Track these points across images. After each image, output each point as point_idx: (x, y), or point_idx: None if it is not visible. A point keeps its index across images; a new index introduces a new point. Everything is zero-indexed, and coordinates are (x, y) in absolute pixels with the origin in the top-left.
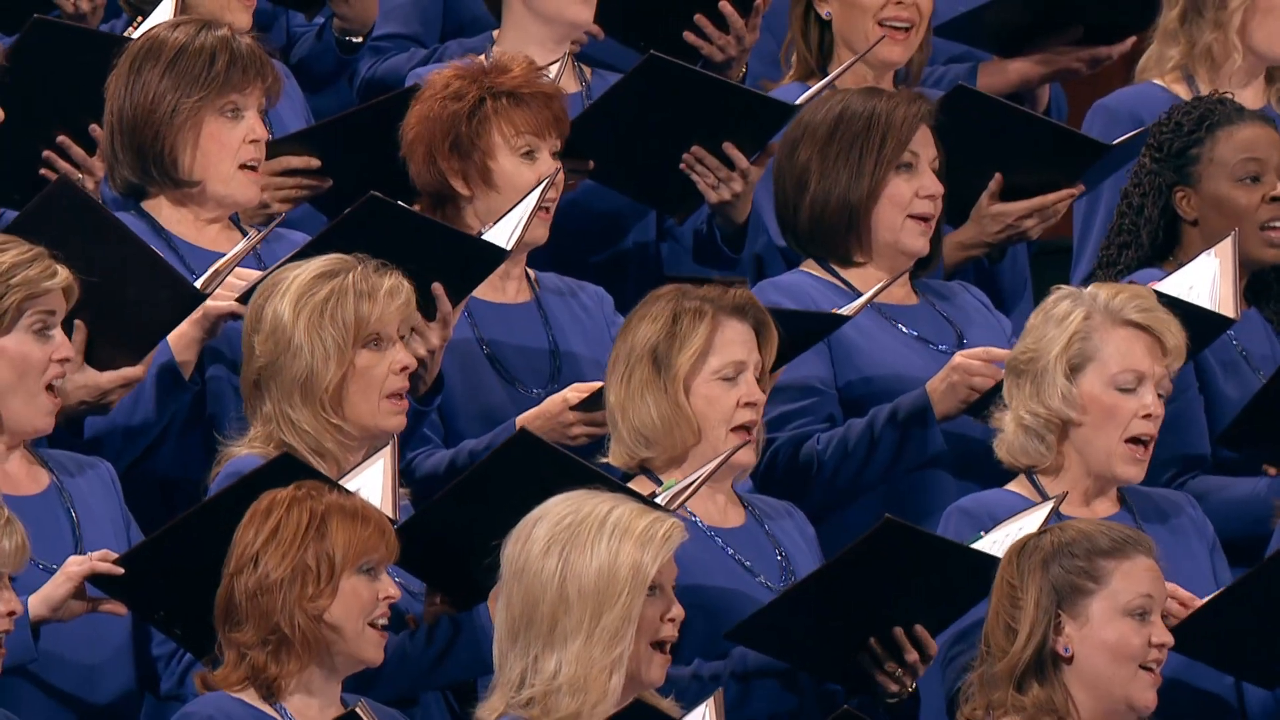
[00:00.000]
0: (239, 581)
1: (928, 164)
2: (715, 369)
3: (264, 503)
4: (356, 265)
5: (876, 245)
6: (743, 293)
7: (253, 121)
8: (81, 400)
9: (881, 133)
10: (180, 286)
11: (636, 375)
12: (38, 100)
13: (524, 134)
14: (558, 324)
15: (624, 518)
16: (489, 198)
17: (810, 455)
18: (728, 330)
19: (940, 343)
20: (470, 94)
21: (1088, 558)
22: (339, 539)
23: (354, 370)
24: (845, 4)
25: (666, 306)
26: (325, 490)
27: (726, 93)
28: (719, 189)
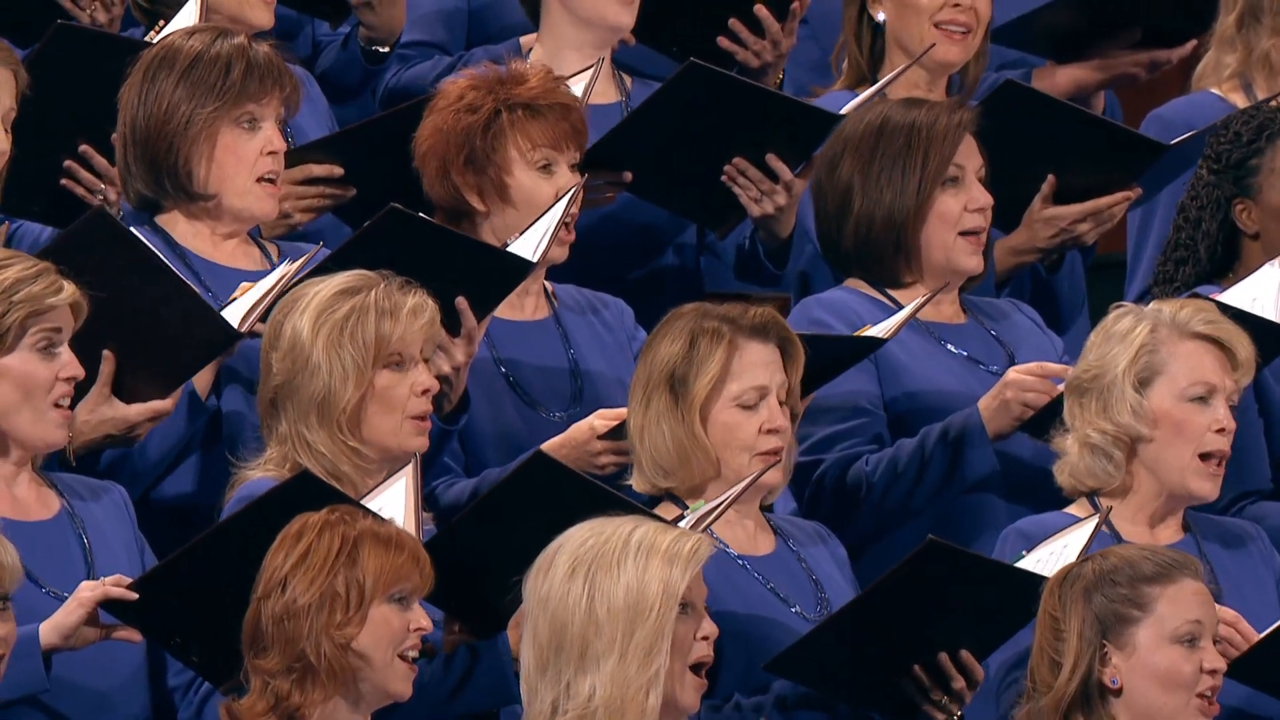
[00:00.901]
0: (266, 606)
1: (974, 175)
2: (735, 395)
3: (295, 526)
4: (380, 282)
5: (928, 265)
6: (764, 311)
7: (270, 133)
8: (107, 434)
9: (924, 147)
10: (215, 323)
11: (654, 401)
12: (60, 108)
13: (541, 147)
14: (578, 341)
15: (648, 536)
16: (505, 214)
17: (859, 477)
18: (748, 353)
19: (990, 363)
20: (485, 106)
21: (1131, 585)
22: (370, 566)
23: (373, 391)
24: (900, 6)
25: (685, 327)
26: (359, 515)
27: (770, 101)
28: (762, 202)
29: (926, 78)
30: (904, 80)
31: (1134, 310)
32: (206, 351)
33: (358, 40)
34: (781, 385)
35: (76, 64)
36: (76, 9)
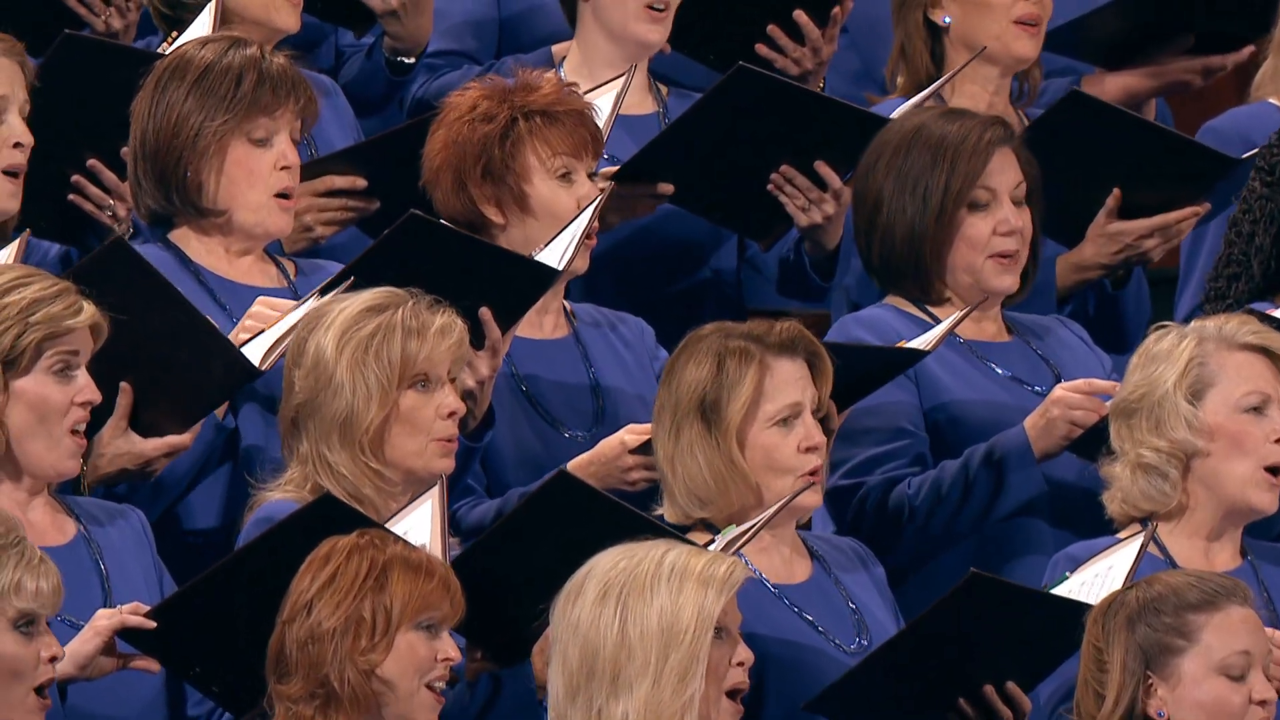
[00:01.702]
0: (290, 630)
1: (1007, 194)
2: (770, 415)
3: (324, 549)
4: (408, 300)
5: (955, 287)
6: (790, 326)
7: (284, 147)
8: (123, 468)
9: (949, 167)
10: (234, 359)
11: (686, 430)
12: (68, 121)
13: (560, 154)
14: (598, 360)
15: (681, 560)
16: (525, 225)
17: (901, 500)
18: (778, 371)
19: (1036, 383)
20: (501, 115)
21: (1176, 614)
22: (398, 591)
23: (398, 412)
24: (970, 6)
25: (710, 349)
26: (390, 540)
27: (822, 106)
28: (809, 211)
29: (996, 76)
30: (969, 84)
31: (1174, 329)
32: (225, 387)
33: (382, 50)
34: (813, 399)
35: (85, 75)
36: (91, 15)
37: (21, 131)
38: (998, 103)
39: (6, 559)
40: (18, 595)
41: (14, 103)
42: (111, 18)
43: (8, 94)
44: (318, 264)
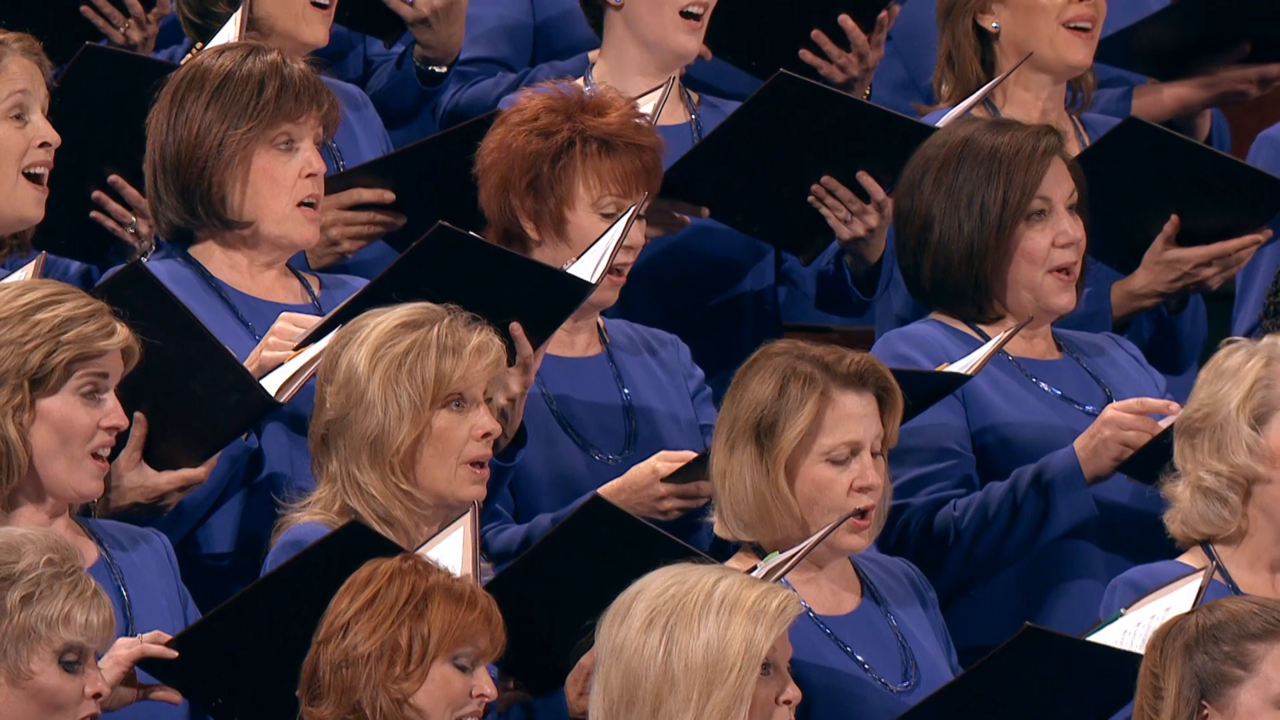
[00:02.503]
0: (325, 651)
1: (1062, 205)
2: (825, 450)
3: (365, 571)
4: (444, 317)
5: (1014, 305)
6: (863, 358)
7: (309, 154)
8: (135, 501)
9: (1006, 178)
10: (251, 389)
11: (740, 448)
12: (88, 135)
13: (610, 190)
14: (632, 379)
15: (732, 590)
16: (558, 248)
17: (946, 523)
18: (842, 404)
19: (1086, 402)
20: (560, 133)
21: (1235, 642)
22: (437, 620)
23: (430, 432)
24: (1020, 10)
25: (777, 369)
26: (434, 568)
27: (865, 115)
28: (852, 224)
29: (1049, 83)
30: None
31: (1245, 345)
32: (242, 420)
33: (413, 60)
34: (877, 437)
35: (106, 87)
36: (109, 27)
37: (47, 130)
38: (1051, 110)
39: (58, 588)
40: (66, 627)
41: (35, 101)
42: (130, 29)
43: (28, 89)
44: (342, 279)
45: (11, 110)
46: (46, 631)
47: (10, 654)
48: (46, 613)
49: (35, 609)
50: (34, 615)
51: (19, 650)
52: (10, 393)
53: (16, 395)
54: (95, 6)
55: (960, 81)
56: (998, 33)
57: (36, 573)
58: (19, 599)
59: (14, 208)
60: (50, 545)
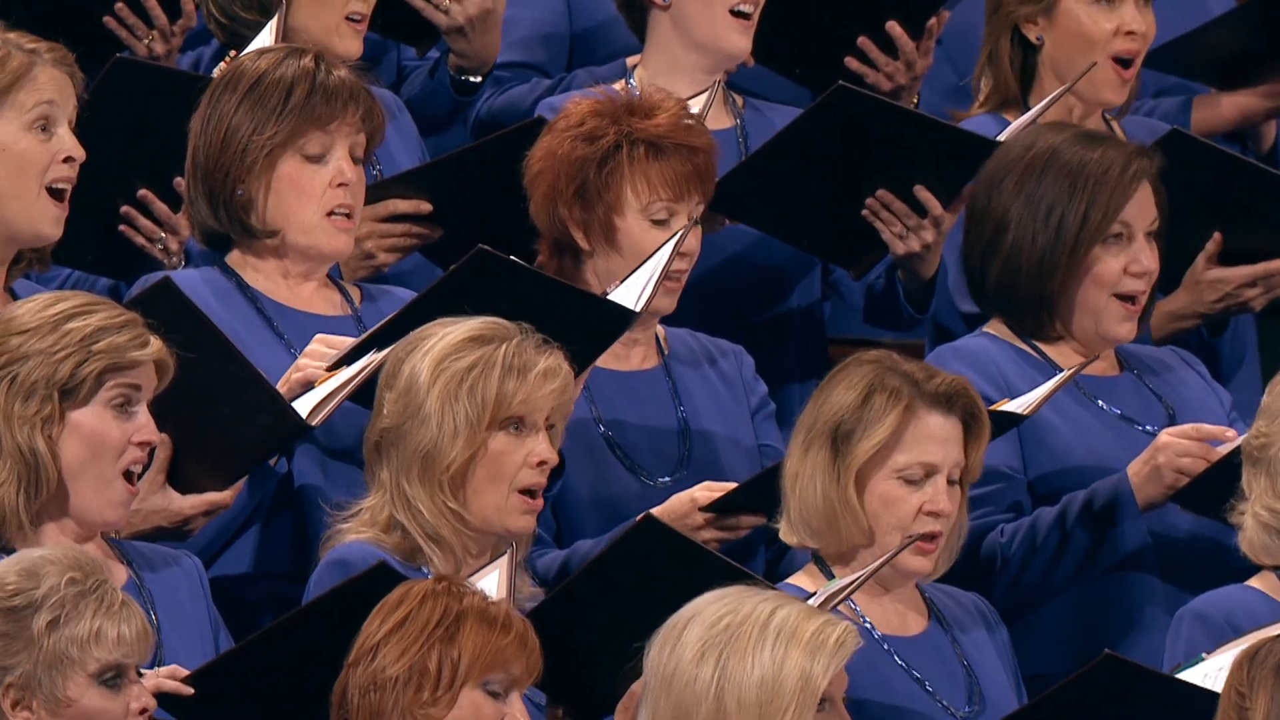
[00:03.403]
0: (354, 674)
1: (1143, 232)
2: (900, 467)
3: (398, 592)
4: (515, 336)
5: (1075, 325)
6: (954, 380)
7: (341, 164)
8: (158, 525)
9: (1089, 197)
10: (282, 412)
11: (814, 451)
12: (117, 148)
13: (660, 194)
14: (689, 396)
15: (790, 620)
16: (609, 258)
17: (993, 549)
18: (925, 423)
19: (1147, 422)
20: (606, 137)
21: None
22: (469, 645)
23: (484, 453)
24: (1065, 33)
25: (864, 377)
26: (469, 590)
27: (923, 128)
28: (907, 239)
29: (1080, 108)
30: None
31: None
32: (271, 443)
33: (447, 68)
34: (957, 465)
35: (136, 100)
36: (133, 39)
37: (72, 145)
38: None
39: (84, 606)
40: (98, 645)
41: (63, 113)
42: (154, 42)
43: (56, 101)
44: (385, 290)
45: (37, 121)
46: (79, 654)
47: (45, 683)
48: (76, 634)
49: (63, 632)
50: (63, 639)
51: (53, 678)
52: (39, 404)
53: (45, 406)
54: (119, 18)
55: (998, 87)
56: (1041, 44)
57: (60, 595)
58: (45, 624)
59: (31, 223)
60: (71, 563)
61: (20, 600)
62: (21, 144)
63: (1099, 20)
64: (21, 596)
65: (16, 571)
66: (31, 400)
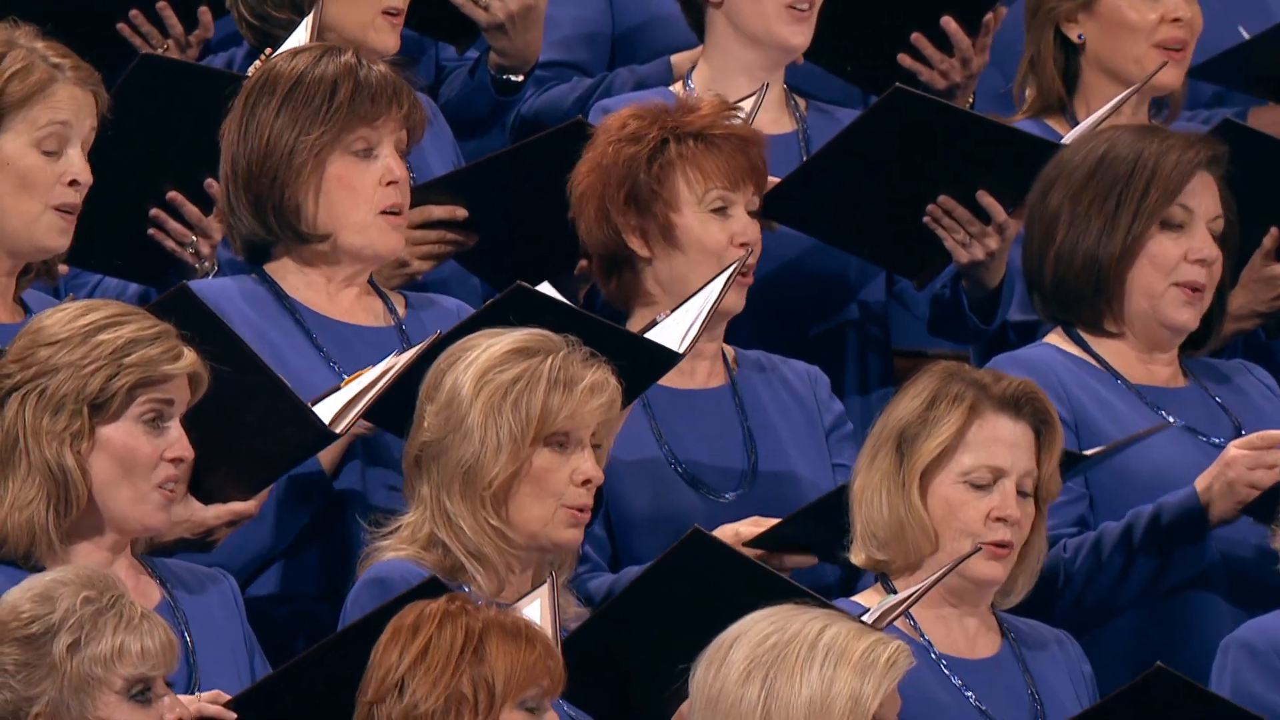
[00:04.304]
0: (380, 712)
1: (1204, 221)
2: (965, 469)
3: (409, 617)
4: (562, 348)
5: (1131, 314)
6: (1022, 383)
7: (389, 160)
8: (181, 537)
9: (1146, 179)
10: (307, 421)
11: (880, 460)
12: (145, 149)
13: (715, 184)
14: (756, 415)
15: (839, 639)
16: (672, 259)
17: (1056, 565)
18: (991, 426)
19: (1213, 434)
20: (650, 135)
21: None
22: (500, 663)
23: (528, 470)
24: (1108, 25)
25: (929, 384)
26: (481, 606)
27: (986, 131)
28: (971, 246)
29: (1133, 102)
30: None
31: None
32: (297, 453)
33: (487, 67)
34: (1028, 474)
35: (164, 100)
36: (147, 47)
37: (80, 169)
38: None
39: (104, 623)
40: (122, 661)
41: (77, 134)
42: (170, 52)
43: (70, 122)
44: (430, 299)
45: (46, 140)
46: (104, 673)
47: (74, 707)
48: (98, 653)
49: (85, 652)
50: (86, 660)
51: (82, 701)
52: (68, 419)
53: (75, 422)
54: (133, 25)
55: (1041, 91)
56: (1083, 44)
57: (77, 615)
58: (66, 647)
59: (33, 238)
60: (84, 581)
61: (38, 627)
62: (27, 160)
63: (1142, 9)
64: (39, 623)
65: (30, 598)
66: (60, 415)
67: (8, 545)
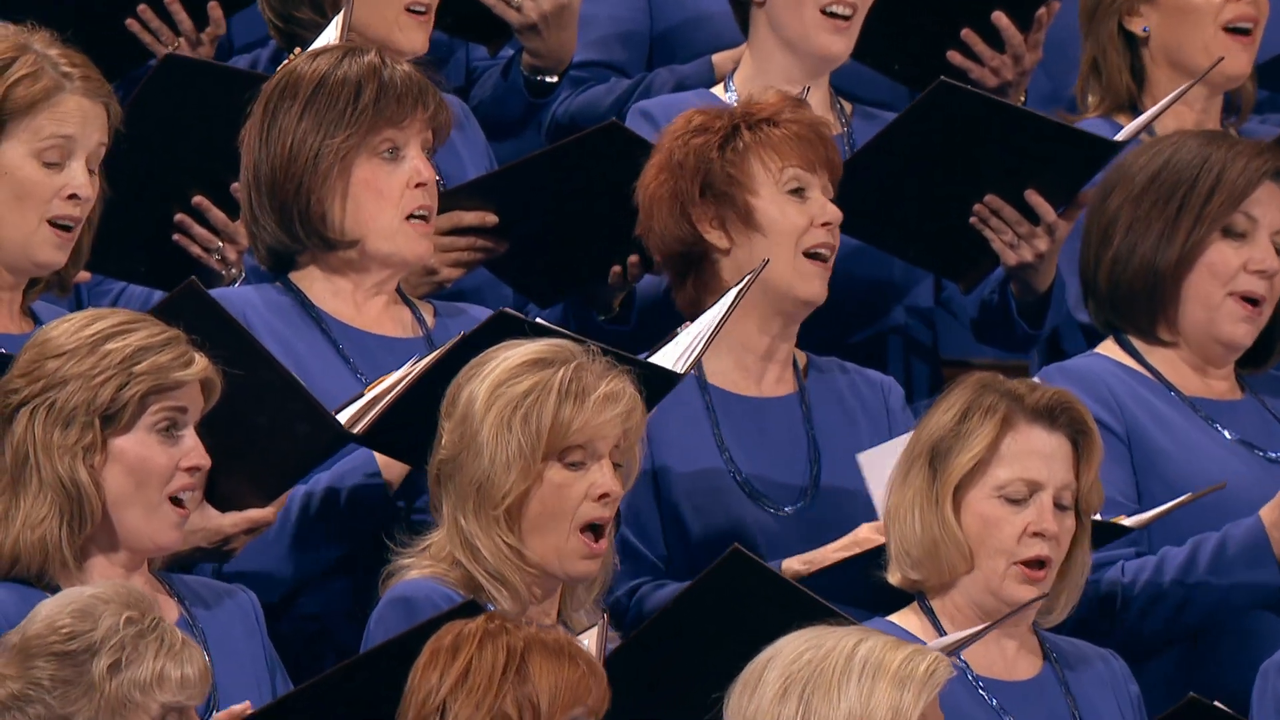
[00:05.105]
0: None
1: (1268, 232)
2: (1000, 483)
3: (448, 637)
4: (577, 358)
5: (1186, 324)
6: (1057, 393)
7: (416, 162)
8: (196, 545)
9: (1210, 184)
10: (322, 421)
11: (913, 476)
12: (169, 153)
13: (790, 163)
14: (823, 425)
15: (875, 652)
16: (752, 243)
17: (1114, 588)
18: (1025, 437)
19: (1270, 448)
20: (720, 125)
21: None
22: (544, 682)
23: (540, 486)
24: (1172, 12)
25: (962, 397)
26: (521, 623)
27: (1037, 127)
28: (1019, 248)
29: (1204, 95)
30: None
31: None
32: (313, 454)
33: (520, 69)
34: (1066, 487)
35: (188, 102)
36: (158, 45)
37: (82, 183)
38: (1207, 122)
39: (145, 648)
40: (162, 688)
41: (82, 148)
42: (180, 50)
43: (75, 135)
44: (460, 308)
45: (48, 152)
46: (142, 698)
47: None
48: (138, 677)
49: (125, 675)
50: (125, 682)
51: None
52: (79, 432)
53: (86, 434)
54: (142, 21)
55: (1109, 91)
56: (1147, 37)
57: (119, 636)
58: (106, 668)
59: (28, 252)
60: (126, 600)
61: (77, 644)
62: (25, 171)
63: None
64: (79, 640)
65: (70, 613)
66: (71, 428)
67: (20, 564)
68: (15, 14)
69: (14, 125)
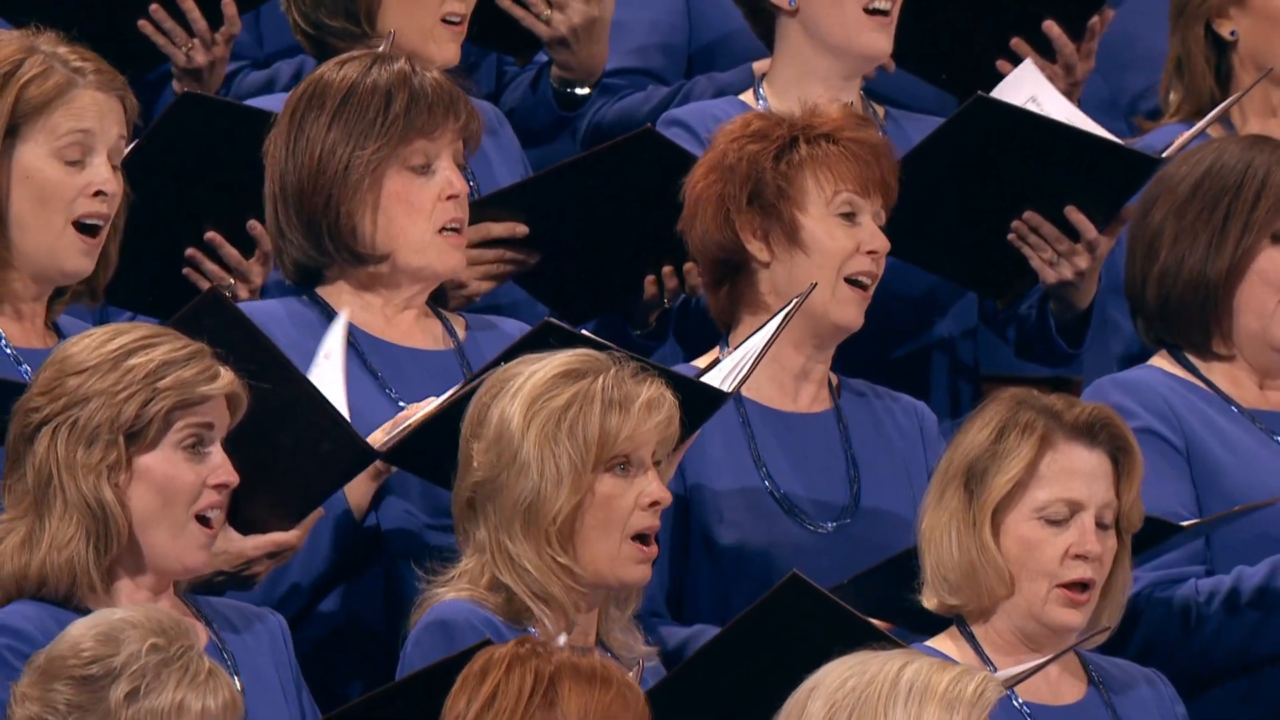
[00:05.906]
0: None
1: None
2: (1040, 505)
3: (479, 662)
4: (610, 366)
5: (1240, 334)
6: (1096, 409)
7: (448, 173)
8: (219, 570)
9: (1255, 190)
10: (348, 440)
11: (949, 497)
12: (184, 188)
13: (845, 187)
14: (861, 443)
15: (921, 675)
16: (794, 261)
17: (1187, 604)
18: (1066, 456)
19: None
20: (778, 134)
21: None
22: (573, 707)
23: (592, 499)
24: (1262, 17)
25: (998, 414)
26: (556, 648)
27: (1077, 141)
28: (1059, 266)
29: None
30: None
31: None
32: (337, 473)
33: (550, 81)
34: (1107, 505)
35: (204, 137)
36: (171, 46)
37: (106, 178)
38: None
39: (167, 676)
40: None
41: (102, 142)
42: (195, 51)
43: (94, 130)
44: (491, 321)
45: (67, 149)
46: None
47: None
48: (156, 706)
49: (143, 704)
50: (141, 712)
51: None
52: (104, 450)
53: (111, 452)
54: (155, 22)
55: (1190, 93)
56: (1235, 40)
57: (140, 663)
58: (123, 696)
59: (55, 259)
60: (154, 627)
61: (97, 669)
62: (46, 172)
63: None
64: (99, 665)
65: (94, 636)
66: (95, 446)
67: (48, 586)
68: (18, 16)
69: (30, 127)
